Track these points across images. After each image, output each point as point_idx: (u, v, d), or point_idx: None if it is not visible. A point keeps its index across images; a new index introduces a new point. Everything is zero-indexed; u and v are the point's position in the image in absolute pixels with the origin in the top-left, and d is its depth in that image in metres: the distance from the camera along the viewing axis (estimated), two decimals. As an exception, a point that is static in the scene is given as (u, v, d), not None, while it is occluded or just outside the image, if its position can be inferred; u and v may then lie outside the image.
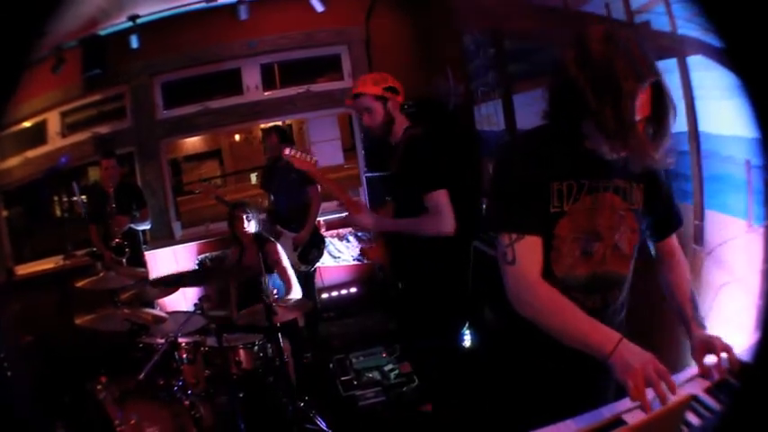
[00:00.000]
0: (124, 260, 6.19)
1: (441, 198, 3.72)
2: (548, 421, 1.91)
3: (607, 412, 1.90)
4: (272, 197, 6.77)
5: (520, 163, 2.18)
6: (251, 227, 5.27)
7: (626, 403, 1.90)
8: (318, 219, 7.05)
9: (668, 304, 2.38)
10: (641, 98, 1.92)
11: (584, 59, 1.94)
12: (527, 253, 2.10)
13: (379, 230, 4.27)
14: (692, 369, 2.13)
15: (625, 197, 2.22)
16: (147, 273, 6.15)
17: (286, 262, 5.42)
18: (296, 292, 5.21)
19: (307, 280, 6.71)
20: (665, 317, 2.89)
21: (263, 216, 5.81)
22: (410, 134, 3.97)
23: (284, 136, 6.80)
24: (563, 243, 2.18)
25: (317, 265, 6.71)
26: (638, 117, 1.93)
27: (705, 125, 3.02)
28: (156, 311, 4.73)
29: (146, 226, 7.08)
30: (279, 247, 5.45)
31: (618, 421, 1.81)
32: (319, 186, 6.32)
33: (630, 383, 1.77)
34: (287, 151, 4.26)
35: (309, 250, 6.45)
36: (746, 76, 1.44)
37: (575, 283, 2.20)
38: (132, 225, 6.72)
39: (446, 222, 3.73)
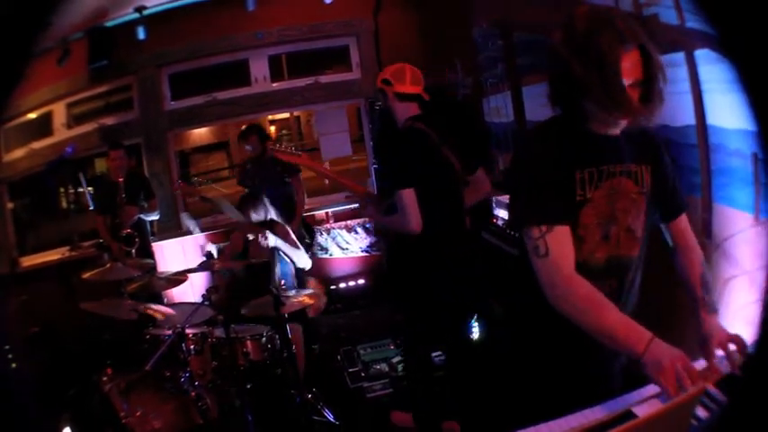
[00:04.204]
0: (133, 251, 6.19)
1: (404, 198, 3.78)
2: (557, 414, 1.91)
3: (617, 405, 1.90)
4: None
5: (541, 155, 2.19)
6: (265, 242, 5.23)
7: (636, 396, 1.92)
8: (327, 210, 7.03)
9: (682, 288, 2.38)
10: (629, 62, 1.97)
11: (570, 37, 2.03)
12: (559, 244, 2.09)
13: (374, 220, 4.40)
14: (703, 361, 2.12)
15: (637, 181, 2.24)
16: (154, 264, 6.16)
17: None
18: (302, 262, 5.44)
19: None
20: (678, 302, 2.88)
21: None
22: (405, 126, 4.03)
23: (263, 134, 6.85)
24: (587, 231, 2.19)
25: (326, 256, 6.69)
26: (629, 81, 1.98)
27: (713, 118, 3.02)
28: (163, 304, 4.74)
29: (154, 216, 7.09)
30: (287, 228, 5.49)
31: (628, 414, 1.80)
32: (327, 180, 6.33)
33: (664, 384, 1.80)
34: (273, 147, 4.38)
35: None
36: (744, 69, 1.43)
37: (594, 267, 2.21)
38: (141, 215, 6.74)
39: (409, 222, 3.79)
